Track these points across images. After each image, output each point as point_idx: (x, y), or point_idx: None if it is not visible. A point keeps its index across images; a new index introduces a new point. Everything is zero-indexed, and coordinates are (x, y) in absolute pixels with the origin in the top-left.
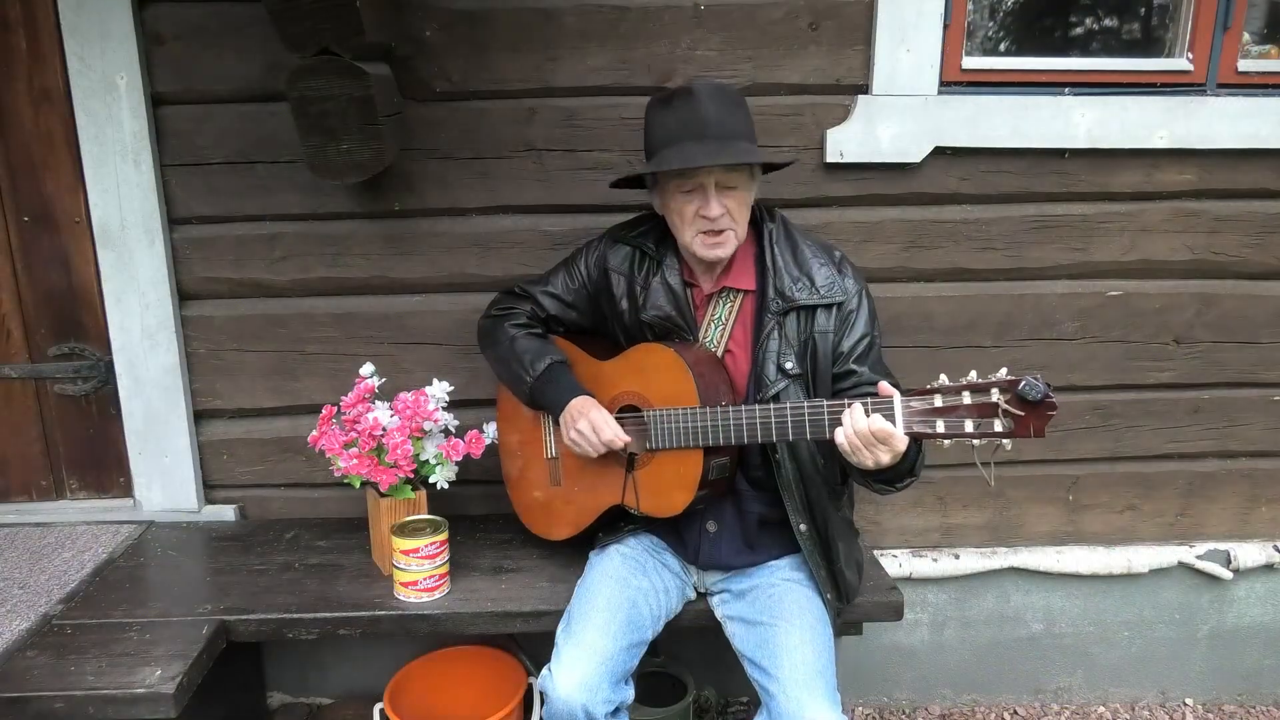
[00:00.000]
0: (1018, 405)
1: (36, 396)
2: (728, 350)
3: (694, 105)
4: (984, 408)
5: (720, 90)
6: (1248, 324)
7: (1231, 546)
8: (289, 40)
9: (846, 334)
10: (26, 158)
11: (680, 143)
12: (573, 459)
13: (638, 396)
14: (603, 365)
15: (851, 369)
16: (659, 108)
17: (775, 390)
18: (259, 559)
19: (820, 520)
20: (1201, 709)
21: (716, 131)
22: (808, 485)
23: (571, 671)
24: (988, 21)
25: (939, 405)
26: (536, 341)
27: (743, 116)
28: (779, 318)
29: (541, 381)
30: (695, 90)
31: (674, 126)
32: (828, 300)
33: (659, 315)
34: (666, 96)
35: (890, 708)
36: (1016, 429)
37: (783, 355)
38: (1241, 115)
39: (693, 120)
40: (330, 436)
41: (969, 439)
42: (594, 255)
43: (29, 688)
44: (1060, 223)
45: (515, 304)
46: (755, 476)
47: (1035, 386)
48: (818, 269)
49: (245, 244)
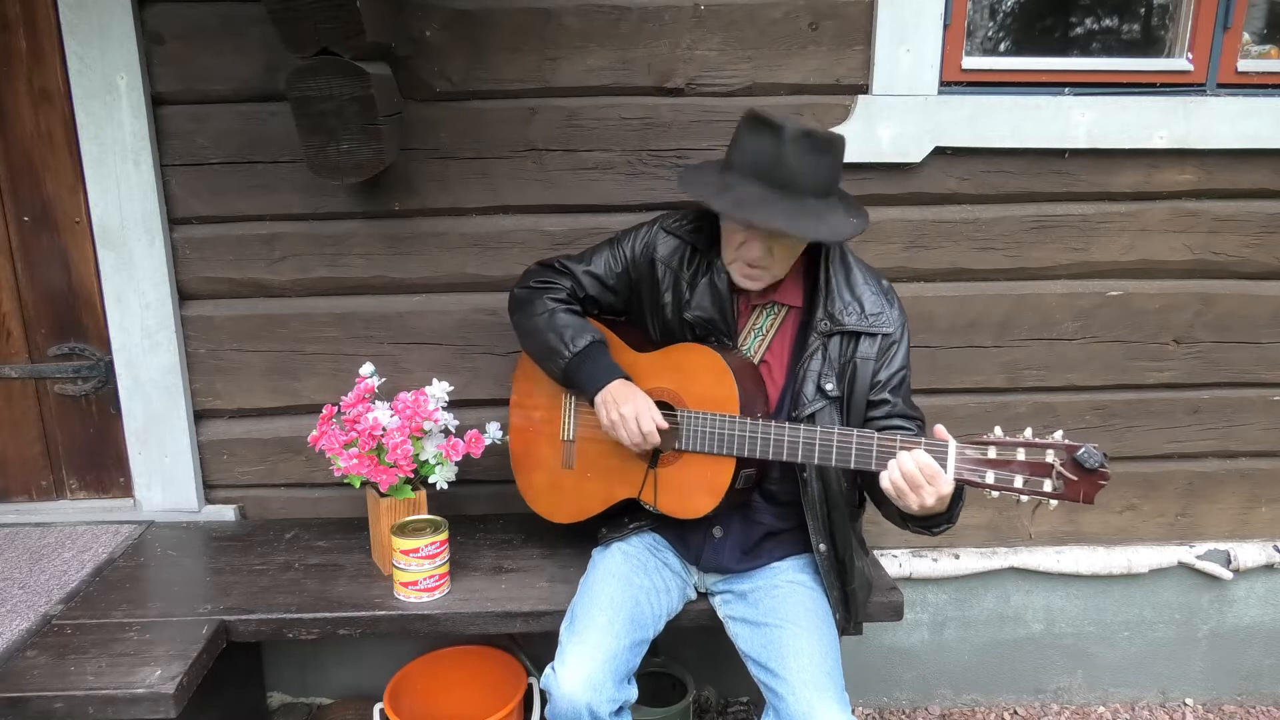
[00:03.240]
0: (1072, 470)
1: (36, 396)
2: (763, 361)
3: (774, 146)
4: (1037, 467)
5: (807, 137)
6: (1248, 324)
7: (1231, 546)
8: (289, 40)
9: (886, 365)
10: (26, 158)
11: (747, 182)
12: (591, 444)
13: (672, 395)
14: (639, 356)
15: (885, 399)
16: (745, 127)
17: (811, 410)
18: (259, 559)
19: (841, 542)
20: (1201, 709)
21: (785, 179)
22: (832, 507)
23: (576, 670)
24: (988, 21)
25: (992, 457)
26: (576, 318)
27: (825, 166)
28: (824, 339)
29: (581, 358)
30: (783, 129)
31: (748, 160)
32: (874, 329)
33: (702, 316)
34: (759, 119)
35: (890, 708)
36: (1066, 492)
37: (824, 376)
38: (1241, 115)
39: (767, 163)
40: (330, 436)
41: (1016, 494)
42: (642, 241)
43: (29, 688)
44: (1060, 223)
45: (556, 279)
46: (770, 490)
47: (1094, 455)
48: (868, 296)
49: (245, 244)
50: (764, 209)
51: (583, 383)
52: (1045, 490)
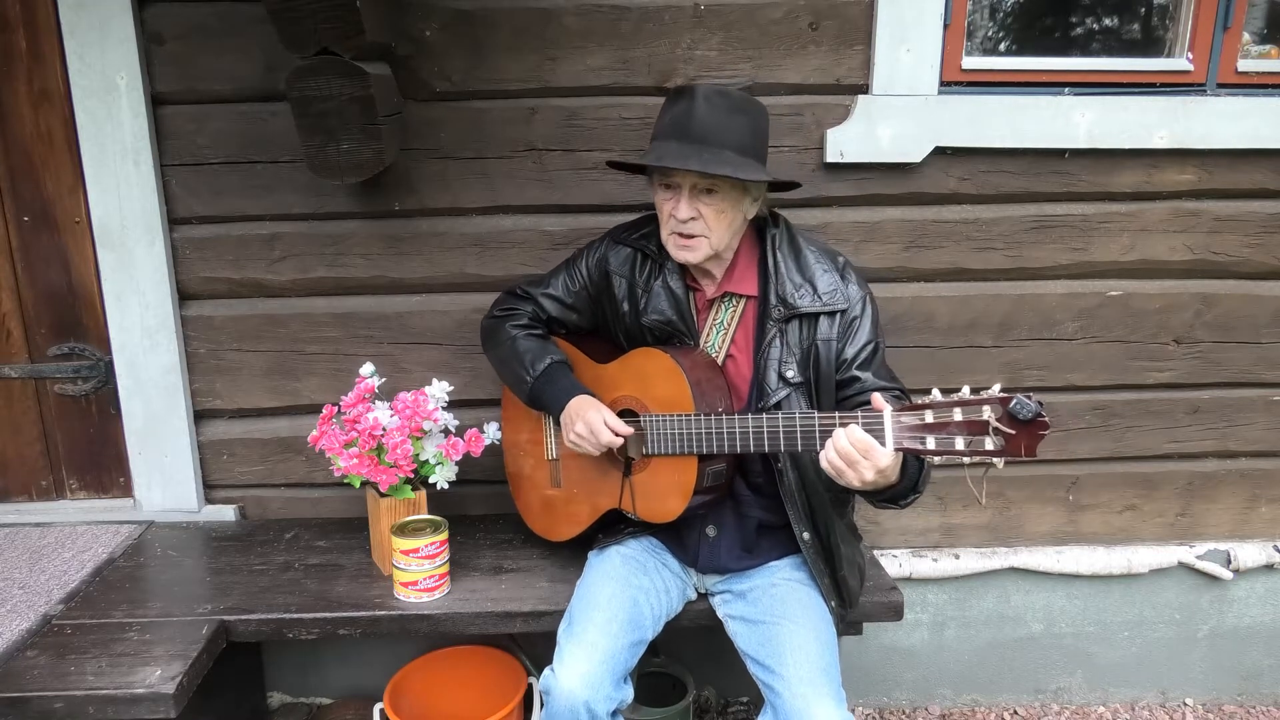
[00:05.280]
0: (1009, 424)
1: (36, 396)
2: (729, 355)
3: (687, 105)
4: (975, 425)
5: (720, 95)
6: (1248, 324)
7: (1231, 546)
8: (289, 40)
9: (850, 341)
10: (26, 158)
11: (666, 139)
12: (573, 461)
13: (636, 401)
14: (602, 368)
15: (855, 375)
16: (667, 101)
17: (777, 398)
18: (259, 559)
19: (823, 528)
20: (1201, 709)
21: (700, 135)
22: (810, 493)
23: (574, 669)
24: (988, 21)
25: (930, 421)
26: (537, 342)
27: (740, 124)
28: (781, 325)
29: (542, 381)
30: (695, 91)
31: (667, 122)
32: (830, 308)
33: (660, 319)
34: (675, 90)
35: (890, 708)
36: (1008, 447)
37: (784, 363)
38: (1241, 115)
39: (682, 119)
40: (330, 436)
41: (959, 456)
42: (594, 257)
43: (29, 688)
44: (1060, 223)
45: (517, 305)
46: (756, 483)
47: (1026, 405)
48: (821, 275)
49: (245, 244)
50: (678, 151)
51: (547, 404)
52: (987, 449)
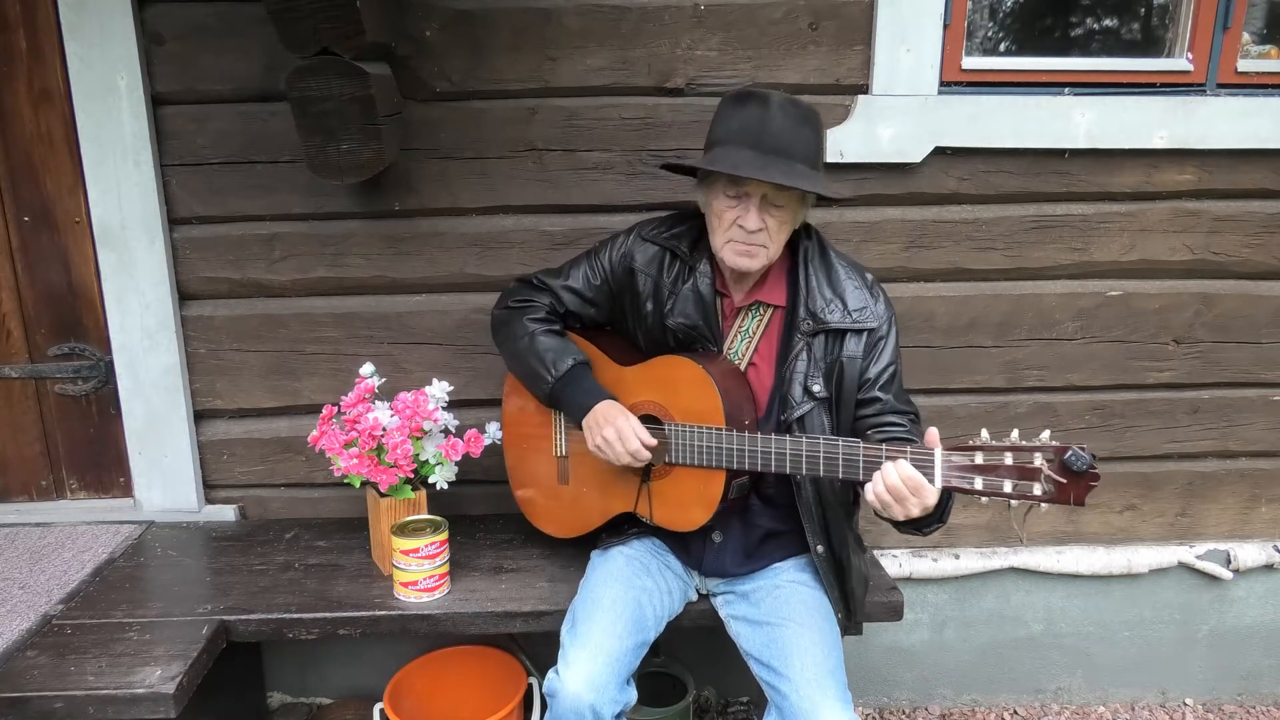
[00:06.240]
0: (1060, 473)
1: (36, 396)
2: (752, 364)
3: (763, 112)
4: (1025, 470)
5: (793, 104)
6: (1248, 324)
7: (1231, 546)
8: (289, 40)
9: (874, 361)
10: (26, 158)
11: (737, 146)
12: (584, 461)
13: (659, 408)
14: (624, 371)
15: (876, 396)
16: (730, 103)
17: (800, 413)
18: (259, 559)
19: (837, 543)
20: (1201, 709)
21: (776, 145)
22: (826, 508)
23: (579, 672)
24: (988, 21)
25: (979, 462)
26: (557, 339)
27: (808, 136)
28: (808, 338)
29: (564, 382)
30: (769, 99)
31: (736, 128)
32: (860, 325)
33: (686, 322)
34: (741, 95)
35: (890, 708)
36: (1056, 495)
37: (810, 377)
38: (1241, 115)
39: (755, 128)
40: (330, 436)
41: (1005, 499)
42: (619, 251)
43: (29, 688)
44: (1060, 223)
45: (534, 296)
46: (767, 494)
47: (1081, 458)
48: (851, 291)
49: (245, 244)
50: (757, 162)
51: (568, 406)
52: (1035, 494)
